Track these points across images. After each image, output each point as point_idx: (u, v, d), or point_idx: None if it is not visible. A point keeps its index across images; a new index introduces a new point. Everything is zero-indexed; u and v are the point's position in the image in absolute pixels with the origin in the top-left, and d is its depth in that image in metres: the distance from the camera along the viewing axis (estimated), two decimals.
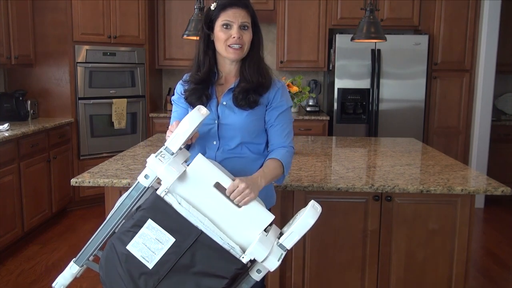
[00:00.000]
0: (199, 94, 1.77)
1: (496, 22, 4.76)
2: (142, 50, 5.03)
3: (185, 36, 3.31)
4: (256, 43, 1.78)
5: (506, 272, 3.50)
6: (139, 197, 1.57)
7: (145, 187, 1.55)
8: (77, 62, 4.56)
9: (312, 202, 1.58)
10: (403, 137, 3.82)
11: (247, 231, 1.54)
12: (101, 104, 4.77)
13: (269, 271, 1.55)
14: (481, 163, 4.93)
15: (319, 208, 1.56)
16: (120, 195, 2.31)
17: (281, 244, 1.53)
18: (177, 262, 1.51)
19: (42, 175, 4.10)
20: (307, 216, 1.52)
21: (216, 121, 1.78)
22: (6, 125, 3.84)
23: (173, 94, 1.93)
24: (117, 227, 1.59)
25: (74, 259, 1.66)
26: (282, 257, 1.53)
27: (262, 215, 1.55)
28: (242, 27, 1.72)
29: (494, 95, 5.15)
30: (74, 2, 4.45)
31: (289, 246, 1.53)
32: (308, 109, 5.34)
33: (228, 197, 1.55)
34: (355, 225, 2.32)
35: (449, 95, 5.01)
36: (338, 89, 4.88)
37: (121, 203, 1.59)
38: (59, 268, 3.41)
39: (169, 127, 1.67)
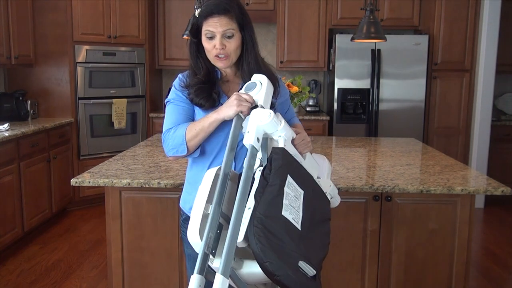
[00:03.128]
0: (207, 92, 1.71)
1: (496, 22, 4.76)
2: (142, 50, 5.03)
3: (185, 36, 3.31)
4: (249, 44, 1.71)
5: (506, 272, 3.50)
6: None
7: (258, 150, 1.48)
8: (77, 62, 4.56)
9: (314, 155, 1.78)
10: (403, 137, 3.82)
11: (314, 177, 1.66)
12: (101, 104, 4.77)
13: None
14: (481, 163, 4.93)
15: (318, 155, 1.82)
16: (120, 196, 2.33)
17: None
18: (310, 216, 1.45)
19: (42, 175, 4.10)
20: (325, 161, 1.79)
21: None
22: (6, 125, 3.84)
23: (167, 97, 1.83)
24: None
25: (219, 271, 1.21)
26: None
27: (315, 163, 1.71)
28: (225, 36, 1.65)
29: (494, 95, 5.15)
30: (74, 2, 4.46)
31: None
32: (308, 109, 5.34)
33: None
34: (355, 225, 2.32)
35: (449, 95, 5.01)
36: (338, 89, 4.88)
37: (244, 181, 1.36)
38: (59, 268, 3.41)
39: (236, 95, 1.57)
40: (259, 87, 1.58)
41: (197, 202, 1.46)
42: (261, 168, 1.44)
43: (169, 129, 1.74)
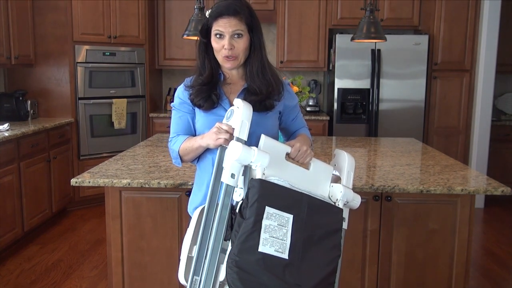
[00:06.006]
0: (207, 94, 1.73)
1: (496, 22, 4.76)
2: (142, 50, 5.03)
3: (185, 36, 3.31)
4: (257, 47, 1.73)
5: (506, 272, 3.50)
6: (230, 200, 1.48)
7: (234, 187, 1.48)
8: (77, 62, 4.56)
9: (336, 150, 1.79)
10: (403, 137, 3.82)
11: (323, 186, 1.65)
12: (101, 104, 4.77)
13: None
14: (481, 163, 4.93)
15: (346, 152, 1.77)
16: (120, 196, 2.33)
17: (345, 186, 1.70)
18: (304, 238, 1.46)
19: (42, 175, 4.10)
20: (349, 156, 1.74)
21: None
22: (6, 125, 3.84)
23: (172, 100, 1.88)
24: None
25: None
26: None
27: (325, 169, 1.68)
28: (234, 36, 1.67)
29: (494, 95, 5.15)
30: (74, 2, 4.45)
31: (351, 185, 1.72)
32: (308, 109, 5.34)
33: (292, 161, 1.61)
34: (355, 225, 2.32)
35: (449, 95, 5.01)
36: (338, 89, 4.88)
37: (218, 220, 1.45)
38: (59, 268, 3.41)
39: (216, 127, 1.59)
40: (236, 113, 1.56)
41: (183, 244, 1.56)
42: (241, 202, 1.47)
43: (171, 139, 1.84)
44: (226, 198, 1.47)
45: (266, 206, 1.42)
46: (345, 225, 1.64)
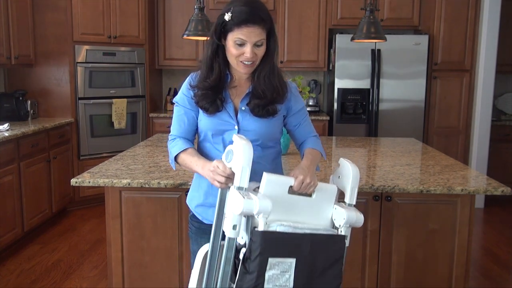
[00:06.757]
0: (212, 98, 1.70)
1: (496, 22, 4.76)
2: (142, 50, 5.03)
3: (185, 36, 3.31)
4: (271, 52, 1.69)
5: (506, 272, 3.50)
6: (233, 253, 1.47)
7: (235, 239, 1.47)
8: (77, 62, 4.56)
9: (341, 159, 1.71)
10: (403, 137, 3.82)
11: (326, 210, 1.61)
12: (101, 104, 4.77)
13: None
14: (481, 163, 4.93)
15: (348, 160, 1.69)
16: (120, 196, 2.32)
17: (349, 203, 1.64)
18: (307, 275, 1.47)
19: (42, 175, 4.10)
20: (354, 169, 1.64)
21: (236, 127, 1.72)
22: (6, 125, 3.84)
23: (175, 95, 1.85)
24: None
25: None
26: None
27: (328, 191, 1.63)
28: (256, 45, 1.62)
29: (494, 95, 5.15)
30: (74, 1, 4.45)
31: (355, 201, 1.64)
32: (308, 109, 5.34)
33: (295, 193, 1.57)
34: None
35: (449, 95, 5.01)
36: (338, 89, 4.88)
37: (221, 275, 1.46)
38: (59, 268, 3.41)
39: (213, 166, 1.53)
40: (235, 156, 1.50)
41: (189, 286, 1.58)
42: (245, 249, 1.46)
43: (172, 139, 1.81)
44: (229, 252, 1.46)
45: (269, 258, 1.43)
46: (346, 243, 1.62)
